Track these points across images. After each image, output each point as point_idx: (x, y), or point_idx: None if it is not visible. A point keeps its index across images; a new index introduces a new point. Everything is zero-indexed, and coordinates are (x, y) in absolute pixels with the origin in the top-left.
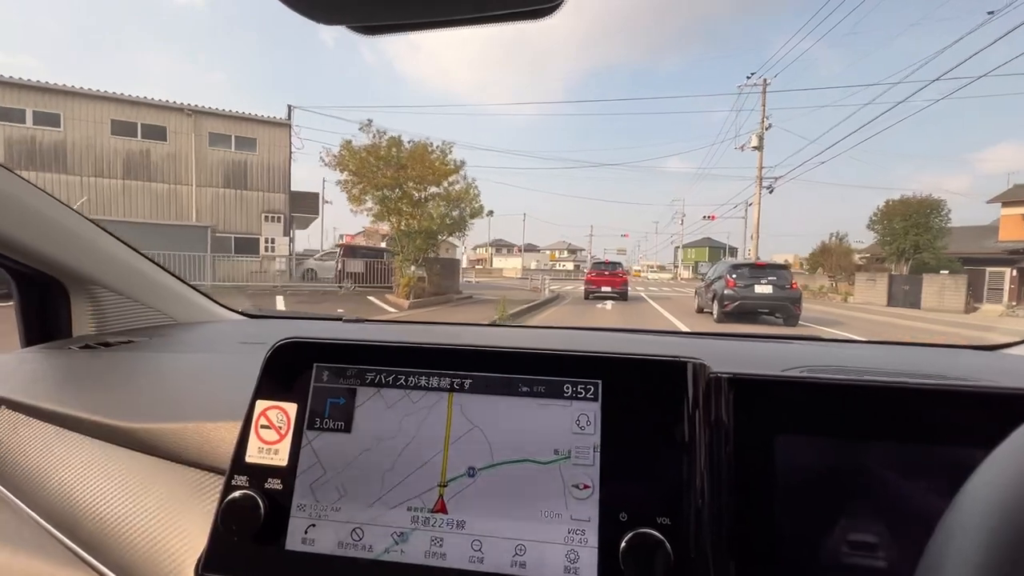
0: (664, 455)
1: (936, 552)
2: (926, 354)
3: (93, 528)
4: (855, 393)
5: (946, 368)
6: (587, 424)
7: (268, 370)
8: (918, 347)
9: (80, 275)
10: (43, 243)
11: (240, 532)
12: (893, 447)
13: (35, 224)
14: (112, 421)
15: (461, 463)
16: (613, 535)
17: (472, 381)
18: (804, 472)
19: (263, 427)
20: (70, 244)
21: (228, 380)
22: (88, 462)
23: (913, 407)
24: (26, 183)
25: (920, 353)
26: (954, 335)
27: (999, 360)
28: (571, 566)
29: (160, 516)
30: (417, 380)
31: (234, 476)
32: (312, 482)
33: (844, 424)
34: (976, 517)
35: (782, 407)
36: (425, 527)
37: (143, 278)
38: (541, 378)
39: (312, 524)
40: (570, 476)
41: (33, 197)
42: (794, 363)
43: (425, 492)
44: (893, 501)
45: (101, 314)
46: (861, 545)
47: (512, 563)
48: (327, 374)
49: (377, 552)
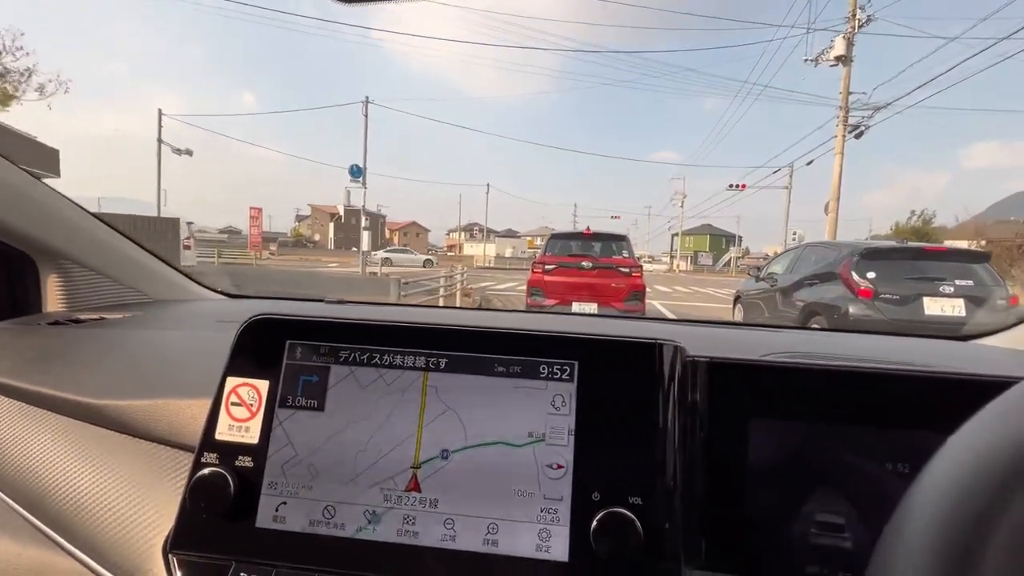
0: (638, 436)
1: (893, 534)
2: (901, 343)
3: (60, 506)
4: (827, 378)
5: (918, 356)
6: (562, 405)
7: (239, 346)
8: (894, 337)
9: (49, 249)
10: (8, 214)
11: (209, 510)
12: (861, 431)
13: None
14: (80, 397)
15: (435, 445)
16: (585, 514)
17: (448, 360)
18: (776, 454)
19: (234, 404)
20: (37, 216)
21: (202, 358)
22: (55, 439)
23: (881, 392)
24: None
25: (895, 342)
26: None
27: (970, 350)
28: (543, 544)
29: (129, 494)
30: (392, 359)
31: (203, 453)
32: (284, 461)
33: (816, 408)
34: (931, 502)
35: (757, 391)
36: (398, 506)
37: (116, 254)
38: (517, 358)
39: (283, 502)
40: (544, 456)
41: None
42: (771, 349)
43: (398, 474)
44: (860, 483)
45: (73, 290)
46: (828, 526)
47: (484, 541)
48: (300, 351)
49: (349, 530)
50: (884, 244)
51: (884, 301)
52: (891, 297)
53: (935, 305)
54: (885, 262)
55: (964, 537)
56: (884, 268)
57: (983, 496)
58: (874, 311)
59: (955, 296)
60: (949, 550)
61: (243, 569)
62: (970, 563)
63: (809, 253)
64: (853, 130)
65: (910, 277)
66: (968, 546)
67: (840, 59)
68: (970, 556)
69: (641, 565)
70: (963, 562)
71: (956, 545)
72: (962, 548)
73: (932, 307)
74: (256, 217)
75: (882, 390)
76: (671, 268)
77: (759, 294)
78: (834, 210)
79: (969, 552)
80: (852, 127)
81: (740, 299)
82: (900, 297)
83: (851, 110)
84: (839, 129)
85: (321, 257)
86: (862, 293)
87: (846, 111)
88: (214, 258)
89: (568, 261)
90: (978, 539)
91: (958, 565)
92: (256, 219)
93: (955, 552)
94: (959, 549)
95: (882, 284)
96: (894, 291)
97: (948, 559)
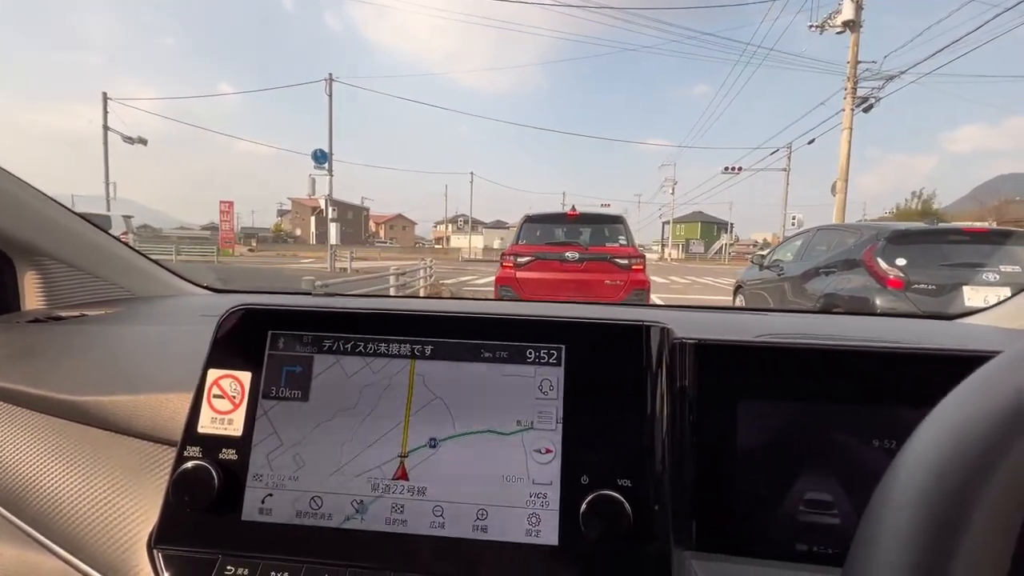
0: (627, 418)
1: (875, 510)
2: (888, 323)
3: (41, 505)
4: (814, 357)
5: (906, 335)
6: (550, 389)
7: (220, 338)
8: (881, 318)
9: (25, 245)
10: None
11: (193, 503)
12: (848, 409)
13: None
14: (59, 395)
15: (422, 434)
16: (574, 497)
17: (434, 347)
18: (766, 435)
19: (216, 397)
20: (11, 212)
21: (184, 351)
22: (35, 438)
23: (867, 370)
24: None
25: (882, 323)
26: None
27: (957, 328)
28: (532, 528)
29: (112, 490)
30: (377, 347)
31: (186, 447)
32: (268, 452)
33: (804, 387)
34: (916, 470)
35: (745, 371)
36: (386, 494)
37: (96, 250)
38: (504, 343)
39: (269, 494)
40: (532, 442)
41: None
42: (760, 331)
43: (386, 463)
44: (848, 461)
45: (53, 288)
46: (817, 503)
47: (474, 527)
48: (282, 342)
49: (337, 520)
50: (913, 226)
51: (918, 292)
52: (926, 287)
53: (977, 296)
54: (916, 246)
55: (941, 513)
56: (916, 253)
57: (966, 466)
58: (906, 303)
59: (1000, 284)
60: (925, 529)
61: (230, 562)
62: (953, 530)
63: (821, 237)
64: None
65: (947, 264)
66: (954, 511)
67: (848, 24)
68: (954, 524)
69: (631, 547)
70: (947, 529)
71: (941, 511)
72: (945, 516)
73: (974, 298)
74: (227, 212)
75: (868, 368)
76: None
77: (764, 284)
78: (842, 190)
79: (953, 520)
80: (861, 99)
81: (741, 289)
82: (936, 287)
83: (859, 80)
84: (847, 101)
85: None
86: (892, 283)
87: (854, 82)
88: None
89: (548, 251)
90: (963, 505)
91: (943, 529)
92: (227, 214)
93: (932, 530)
94: (943, 516)
95: (914, 272)
96: (929, 280)
97: (932, 524)
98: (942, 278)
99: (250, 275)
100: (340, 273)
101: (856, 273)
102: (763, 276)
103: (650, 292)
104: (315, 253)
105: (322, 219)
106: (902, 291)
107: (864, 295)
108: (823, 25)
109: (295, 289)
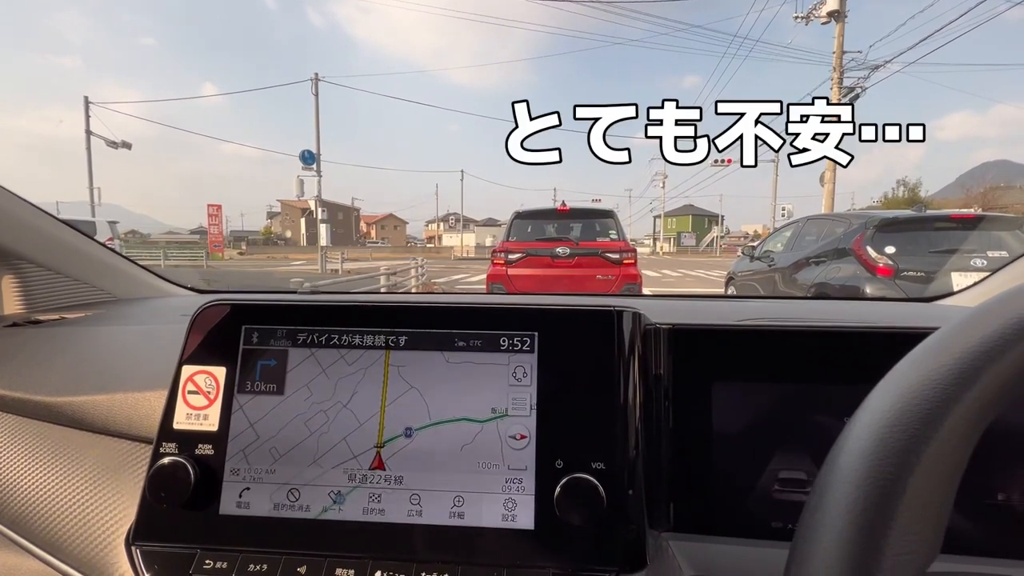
0: (600, 403)
1: (824, 478)
2: (863, 307)
3: (18, 506)
4: (785, 338)
5: (882, 318)
6: (524, 376)
7: (194, 334)
8: (857, 302)
9: (1, 250)
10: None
11: (170, 499)
12: (820, 389)
13: None
14: (36, 397)
15: (398, 424)
16: (549, 482)
17: (408, 337)
18: (739, 416)
19: (191, 392)
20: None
21: (160, 349)
22: (12, 440)
23: (839, 350)
24: None
25: (857, 306)
26: None
27: (934, 309)
28: (508, 513)
29: (89, 489)
30: (351, 339)
31: (162, 443)
32: (245, 446)
33: (776, 369)
34: (855, 450)
35: (718, 354)
36: (363, 484)
37: (75, 252)
38: (477, 332)
39: (247, 488)
40: (507, 428)
41: None
42: (733, 316)
43: (362, 453)
44: (820, 439)
45: (31, 292)
46: (791, 482)
47: (451, 514)
48: (256, 336)
49: (315, 512)
50: (901, 213)
51: (907, 279)
52: (915, 274)
53: (966, 281)
54: (905, 234)
55: (884, 483)
56: (904, 241)
57: (906, 430)
58: (896, 291)
59: (987, 269)
60: (868, 497)
61: (208, 556)
62: (892, 491)
63: (811, 227)
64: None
65: (935, 250)
66: (889, 491)
67: (833, 14)
68: (893, 484)
69: (605, 529)
70: (887, 488)
71: (875, 489)
72: (884, 495)
73: (962, 283)
74: (215, 215)
75: (840, 348)
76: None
77: (754, 275)
78: (831, 180)
79: (892, 479)
80: (847, 89)
81: (733, 281)
82: (925, 273)
83: (845, 71)
84: (833, 92)
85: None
86: (881, 271)
87: (840, 72)
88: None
89: (538, 247)
90: (902, 466)
91: (884, 488)
92: (215, 217)
93: (874, 499)
94: (882, 495)
95: (903, 259)
96: (918, 267)
97: (873, 486)
98: (931, 265)
99: (239, 278)
100: (331, 275)
101: (846, 262)
102: (754, 267)
103: (642, 286)
104: (306, 255)
105: (312, 220)
106: (891, 279)
107: (854, 283)
108: (808, 16)
109: (282, 289)
